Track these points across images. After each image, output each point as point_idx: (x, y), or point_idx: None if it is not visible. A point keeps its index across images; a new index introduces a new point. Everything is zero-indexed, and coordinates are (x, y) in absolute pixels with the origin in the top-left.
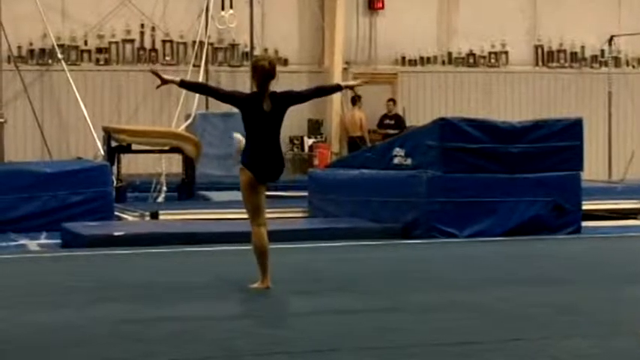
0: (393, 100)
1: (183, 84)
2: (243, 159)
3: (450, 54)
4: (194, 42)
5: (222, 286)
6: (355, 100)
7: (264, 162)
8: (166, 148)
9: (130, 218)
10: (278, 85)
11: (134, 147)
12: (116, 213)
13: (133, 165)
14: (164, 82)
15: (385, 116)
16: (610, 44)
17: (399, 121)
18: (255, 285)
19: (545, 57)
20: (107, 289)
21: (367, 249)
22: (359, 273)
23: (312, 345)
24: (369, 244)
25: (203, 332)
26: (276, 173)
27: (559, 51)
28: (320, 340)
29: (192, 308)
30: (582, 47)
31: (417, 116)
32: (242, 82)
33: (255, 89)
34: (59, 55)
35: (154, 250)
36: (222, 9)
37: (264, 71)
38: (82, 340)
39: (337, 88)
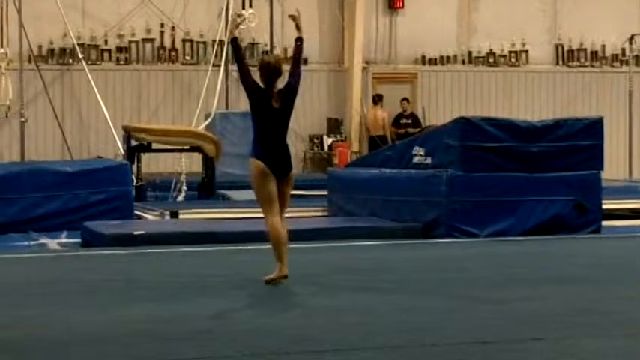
0: (407, 100)
1: (233, 41)
2: (252, 152)
3: (470, 53)
4: (214, 41)
5: (243, 285)
6: (376, 99)
7: (273, 156)
8: (186, 147)
9: (150, 217)
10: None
11: (154, 146)
12: (136, 212)
13: (153, 164)
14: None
15: (401, 115)
16: (631, 43)
17: (416, 119)
18: (272, 275)
19: (566, 56)
20: (127, 288)
21: (388, 248)
22: (380, 272)
23: (333, 344)
24: (390, 243)
25: (223, 331)
26: (285, 168)
27: (579, 50)
28: (341, 338)
29: (212, 307)
30: (603, 46)
31: (437, 115)
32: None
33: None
34: (79, 55)
35: (173, 249)
36: (242, 8)
37: (269, 67)
38: (102, 339)
39: (298, 39)
